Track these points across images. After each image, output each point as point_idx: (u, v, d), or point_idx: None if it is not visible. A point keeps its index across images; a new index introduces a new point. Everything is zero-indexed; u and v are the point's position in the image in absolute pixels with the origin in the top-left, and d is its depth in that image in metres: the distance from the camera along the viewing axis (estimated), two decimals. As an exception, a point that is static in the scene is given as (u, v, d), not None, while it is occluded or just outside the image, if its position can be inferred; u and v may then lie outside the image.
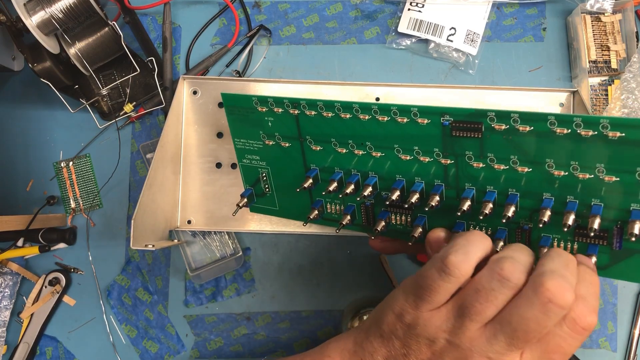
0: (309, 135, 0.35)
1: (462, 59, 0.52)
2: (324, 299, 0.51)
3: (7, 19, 0.44)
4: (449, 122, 0.29)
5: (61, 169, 0.52)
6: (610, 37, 0.51)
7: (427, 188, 0.32)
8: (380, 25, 0.53)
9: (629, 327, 0.50)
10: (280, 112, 0.34)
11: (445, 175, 0.32)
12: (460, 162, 0.31)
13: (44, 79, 0.46)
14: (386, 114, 0.31)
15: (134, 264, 0.52)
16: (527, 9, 0.53)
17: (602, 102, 0.51)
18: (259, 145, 0.37)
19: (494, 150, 0.29)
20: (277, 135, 0.36)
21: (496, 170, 0.29)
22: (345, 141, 0.34)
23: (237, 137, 0.38)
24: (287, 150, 0.36)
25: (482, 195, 0.30)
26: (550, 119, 0.26)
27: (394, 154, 0.32)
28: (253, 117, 0.36)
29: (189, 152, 0.48)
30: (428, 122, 0.30)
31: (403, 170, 0.33)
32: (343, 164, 0.35)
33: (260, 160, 0.38)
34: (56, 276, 0.51)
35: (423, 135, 0.31)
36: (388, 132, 0.32)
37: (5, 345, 0.51)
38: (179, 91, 0.46)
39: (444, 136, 0.30)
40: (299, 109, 0.34)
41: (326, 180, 0.36)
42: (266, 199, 0.40)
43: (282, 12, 0.54)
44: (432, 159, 0.31)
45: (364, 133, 0.33)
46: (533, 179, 0.29)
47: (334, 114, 0.33)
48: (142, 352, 0.51)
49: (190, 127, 0.48)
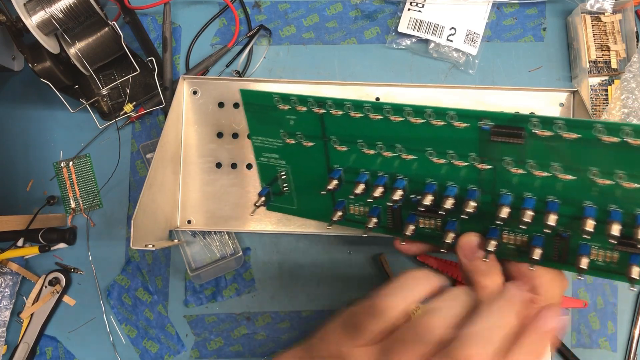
0: (334, 136, 0.33)
1: (462, 59, 0.52)
2: (324, 299, 0.51)
3: (7, 19, 0.44)
4: (489, 127, 0.28)
5: (61, 169, 0.52)
6: (610, 37, 0.51)
7: (461, 192, 0.31)
8: (380, 25, 0.53)
9: (629, 327, 0.50)
10: (303, 110, 0.33)
11: (480, 180, 0.30)
12: (497, 167, 0.29)
13: (44, 79, 0.46)
14: (420, 117, 0.30)
15: (134, 264, 0.52)
16: (527, 9, 0.53)
17: (602, 102, 0.51)
18: (278, 143, 0.36)
19: (534, 156, 0.28)
20: (299, 134, 0.35)
21: (536, 177, 0.28)
22: (374, 142, 0.32)
23: (255, 135, 0.37)
24: (309, 150, 0.35)
25: (519, 202, 0.29)
26: (598, 127, 0.25)
27: (426, 157, 0.31)
28: (273, 115, 0.35)
29: (189, 152, 0.48)
30: (466, 126, 0.29)
31: (435, 173, 0.32)
32: (369, 165, 0.34)
33: (280, 158, 0.37)
34: (56, 276, 0.51)
35: (459, 139, 0.30)
36: (421, 134, 0.31)
37: (5, 345, 0.51)
38: (179, 91, 0.46)
39: (481, 141, 0.29)
40: (324, 109, 0.32)
41: (350, 182, 0.35)
42: (284, 198, 0.39)
43: (282, 12, 0.54)
44: (467, 164, 0.30)
45: (394, 135, 0.31)
46: (574, 187, 0.28)
47: (362, 114, 0.31)
48: (142, 352, 0.51)
49: (190, 127, 0.48)
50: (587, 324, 0.50)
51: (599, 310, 0.50)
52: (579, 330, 0.50)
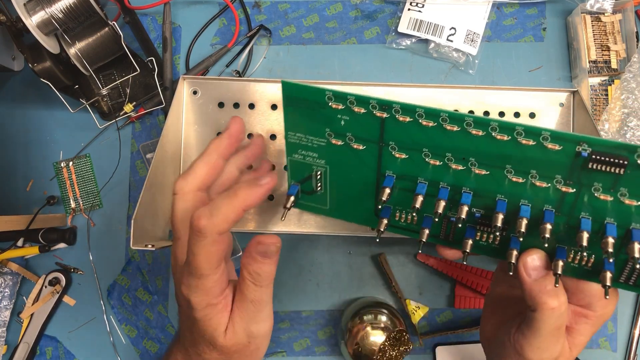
0: (394, 142, 0.31)
1: (462, 59, 0.52)
2: (324, 299, 0.51)
3: (7, 19, 0.44)
4: (587, 153, 0.26)
5: (61, 169, 0.52)
6: (610, 37, 0.51)
7: (534, 212, 0.30)
8: (380, 25, 0.53)
9: (629, 327, 0.50)
10: (362, 112, 0.30)
11: (559, 203, 0.29)
12: (583, 192, 0.28)
13: (44, 79, 0.46)
14: (507, 134, 0.28)
15: (134, 264, 0.52)
16: (527, 9, 0.53)
17: (602, 102, 0.51)
18: (320, 142, 0.33)
19: (630, 185, 0.27)
20: (350, 135, 0.32)
21: (625, 205, 0.27)
22: (442, 153, 0.30)
23: (292, 130, 0.34)
24: (358, 153, 0.33)
25: (598, 226, 0.28)
26: None
27: (503, 174, 0.29)
28: (321, 113, 0.32)
29: (189, 152, 0.48)
30: (559, 149, 0.27)
31: (507, 191, 0.30)
32: (429, 174, 0.31)
33: (319, 158, 0.34)
34: (56, 276, 0.51)
35: (548, 160, 0.28)
36: (503, 151, 0.28)
37: (5, 345, 0.51)
38: (179, 91, 0.46)
39: (573, 165, 0.27)
40: (388, 112, 0.30)
41: (403, 189, 0.32)
42: (316, 197, 0.36)
43: (282, 12, 0.54)
44: (549, 185, 0.29)
45: (470, 148, 0.29)
46: None
47: (436, 123, 0.29)
48: (142, 352, 0.51)
49: (190, 127, 0.48)
50: (587, 324, 0.50)
51: (599, 310, 0.50)
52: (579, 330, 0.50)
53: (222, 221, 0.29)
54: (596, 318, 0.31)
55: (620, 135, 0.49)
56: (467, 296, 0.49)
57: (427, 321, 0.51)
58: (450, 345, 0.50)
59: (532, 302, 0.29)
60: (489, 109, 0.48)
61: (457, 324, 0.51)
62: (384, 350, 0.45)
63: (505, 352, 0.32)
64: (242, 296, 0.32)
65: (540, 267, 0.30)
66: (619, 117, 0.49)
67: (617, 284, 0.30)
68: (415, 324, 0.50)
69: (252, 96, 0.47)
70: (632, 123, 0.48)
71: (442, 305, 0.51)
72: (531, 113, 0.47)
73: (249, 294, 0.32)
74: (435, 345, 0.50)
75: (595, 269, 0.30)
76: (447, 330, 0.50)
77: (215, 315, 0.31)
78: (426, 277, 0.51)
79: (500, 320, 0.35)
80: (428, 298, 0.51)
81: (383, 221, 0.33)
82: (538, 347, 0.30)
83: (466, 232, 0.32)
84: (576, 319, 0.31)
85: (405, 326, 0.47)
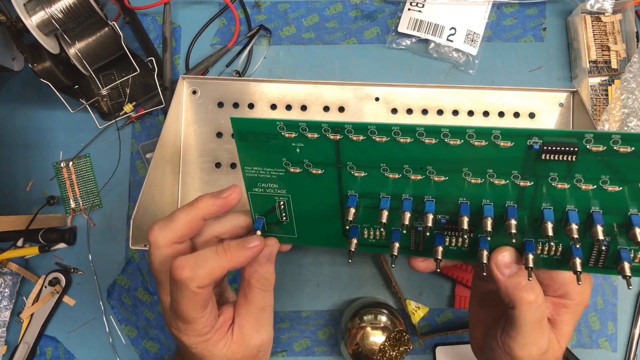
0: (351, 161, 0.31)
1: (462, 59, 0.52)
2: (324, 299, 0.51)
3: (7, 19, 0.44)
4: (539, 145, 0.27)
5: (61, 169, 0.52)
6: (611, 37, 0.51)
7: (497, 210, 0.30)
8: (380, 25, 0.53)
9: (629, 327, 0.50)
10: (315, 137, 0.31)
11: (519, 197, 0.30)
12: (541, 183, 0.29)
13: (44, 79, 0.46)
14: (459, 137, 0.28)
15: (134, 264, 0.52)
16: (527, 9, 0.53)
17: (602, 102, 0.51)
18: (279, 172, 0.33)
19: (583, 171, 0.28)
20: (307, 161, 0.32)
21: (582, 191, 0.28)
22: (400, 166, 0.31)
23: (249, 165, 0.33)
24: (317, 177, 0.33)
25: (559, 214, 0.29)
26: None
27: (461, 177, 0.30)
28: (275, 144, 0.32)
29: (189, 151, 0.48)
30: (511, 145, 0.28)
31: (468, 193, 0.30)
32: (390, 188, 0.32)
33: (279, 188, 0.34)
34: (56, 276, 0.51)
35: (502, 158, 0.28)
36: (458, 155, 0.29)
37: (5, 345, 0.51)
38: (179, 91, 0.46)
39: (526, 159, 0.28)
40: (342, 134, 0.30)
41: (368, 206, 0.33)
42: (282, 227, 0.36)
43: (282, 12, 0.54)
44: (507, 181, 0.29)
45: (426, 157, 0.30)
46: (621, 197, 0.28)
47: (389, 137, 0.29)
48: (142, 352, 0.51)
49: (190, 127, 0.48)
50: (587, 324, 0.50)
51: (599, 311, 0.50)
52: (579, 330, 0.50)
53: (207, 275, 0.29)
54: (575, 305, 0.31)
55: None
56: (467, 296, 0.49)
57: (427, 321, 0.51)
58: (450, 346, 0.50)
59: (510, 299, 0.29)
60: (489, 109, 0.47)
61: (457, 324, 0.51)
62: (384, 350, 0.45)
63: (496, 356, 0.32)
64: (251, 306, 0.32)
65: (512, 263, 0.30)
66: (619, 117, 0.49)
67: (588, 269, 0.31)
68: (415, 324, 0.50)
69: (251, 96, 0.47)
70: (632, 123, 0.48)
71: (442, 305, 0.51)
72: (531, 113, 0.47)
73: (259, 301, 0.32)
74: (435, 345, 0.50)
75: (564, 257, 0.31)
76: (447, 330, 0.50)
77: (212, 346, 0.31)
78: (426, 277, 0.51)
79: (486, 327, 0.35)
80: (428, 298, 0.51)
81: (353, 241, 0.33)
82: (524, 343, 0.30)
83: (435, 240, 0.32)
84: (557, 310, 0.31)
85: (405, 326, 0.47)
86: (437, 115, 0.48)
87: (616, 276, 0.50)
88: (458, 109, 0.48)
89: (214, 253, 0.30)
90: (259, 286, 0.32)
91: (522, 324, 0.29)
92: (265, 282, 0.32)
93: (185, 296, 0.29)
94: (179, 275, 0.28)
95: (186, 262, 0.29)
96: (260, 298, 0.32)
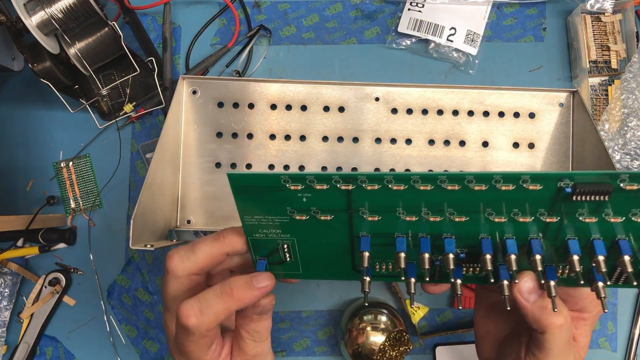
0: (365, 207, 0.29)
1: (462, 59, 0.52)
2: (324, 299, 0.51)
3: (7, 19, 0.44)
4: (571, 188, 0.26)
5: (61, 169, 0.52)
6: (611, 37, 0.51)
7: (519, 243, 0.29)
8: (380, 25, 0.53)
9: (629, 327, 0.50)
10: (324, 188, 0.29)
11: (544, 230, 0.29)
12: (568, 218, 0.28)
13: (44, 79, 0.46)
14: (484, 183, 0.27)
15: (134, 264, 0.52)
16: (527, 9, 0.53)
17: (602, 102, 0.51)
18: (283, 219, 0.31)
19: (614, 206, 0.27)
20: (315, 209, 0.30)
21: (609, 223, 0.28)
22: (418, 210, 0.29)
23: (248, 214, 0.31)
24: (326, 223, 0.31)
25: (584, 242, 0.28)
26: None
27: (484, 217, 0.28)
28: (278, 195, 0.30)
29: (189, 151, 0.48)
30: (540, 188, 0.27)
31: (489, 229, 0.29)
32: (405, 228, 0.30)
33: (283, 233, 0.32)
34: (56, 276, 0.51)
35: (529, 199, 0.27)
36: (482, 199, 0.28)
37: (5, 345, 0.51)
38: (179, 91, 0.46)
39: (555, 199, 0.27)
40: (354, 184, 0.28)
41: (380, 244, 0.31)
42: (285, 266, 0.34)
43: (282, 12, 0.54)
44: (533, 219, 0.28)
45: (446, 201, 0.28)
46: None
47: (407, 186, 0.28)
48: (142, 352, 0.51)
49: (190, 127, 0.48)
50: (587, 324, 0.50)
51: (599, 311, 0.50)
52: (579, 330, 0.50)
53: (213, 320, 0.28)
54: (592, 317, 0.31)
55: (621, 135, 0.49)
56: (467, 296, 0.49)
57: (427, 321, 0.51)
58: (450, 346, 0.50)
59: (538, 325, 0.29)
60: (489, 109, 0.47)
61: (457, 324, 0.51)
62: (384, 350, 0.45)
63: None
64: (243, 354, 0.32)
65: (535, 288, 0.29)
66: (619, 117, 0.49)
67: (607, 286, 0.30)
68: (415, 324, 0.50)
69: (251, 96, 0.47)
70: (632, 123, 0.48)
71: (442, 305, 0.51)
72: (531, 113, 0.47)
73: (250, 350, 0.31)
74: (435, 345, 0.50)
75: (584, 276, 0.30)
76: (447, 330, 0.50)
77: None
78: (426, 277, 0.51)
79: (496, 340, 0.34)
80: (428, 298, 0.51)
81: (366, 281, 0.31)
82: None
83: (454, 273, 0.31)
84: (576, 324, 0.31)
85: (405, 326, 0.47)
86: (437, 115, 0.48)
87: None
88: (458, 109, 0.48)
89: (219, 296, 0.29)
90: (250, 338, 0.31)
91: (552, 347, 0.29)
92: (257, 335, 0.31)
93: (191, 341, 0.29)
94: (185, 323, 0.28)
95: (192, 310, 0.28)
96: (252, 348, 0.31)
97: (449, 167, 0.48)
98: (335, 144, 0.48)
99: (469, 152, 0.48)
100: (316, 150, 0.48)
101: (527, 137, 0.48)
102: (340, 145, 0.48)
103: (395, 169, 0.48)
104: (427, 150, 0.48)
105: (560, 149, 0.48)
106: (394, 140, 0.48)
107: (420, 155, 0.48)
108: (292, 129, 0.48)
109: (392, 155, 0.48)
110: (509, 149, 0.48)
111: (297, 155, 0.48)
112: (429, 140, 0.48)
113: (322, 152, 0.48)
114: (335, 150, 0.48)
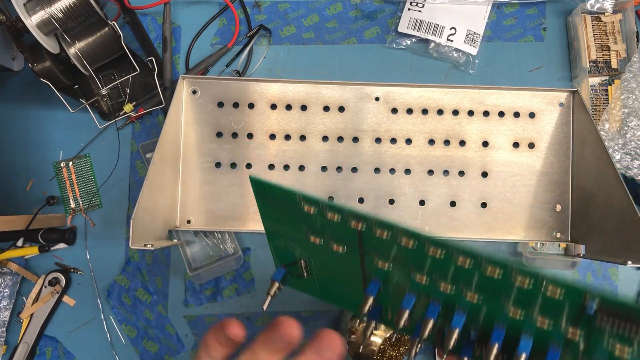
0: (375, 252, 0.28)
1: (462, 59, 0.52)
2: (323, 299, 0.51)
3: (7, 19, 0.44)
4: (595, 310, 0.23)
5: (61, 169, 0.52)
6: (611, 37, 0.51)
7: (537, 345, 0.27)
8: (380, 25, 0.53)
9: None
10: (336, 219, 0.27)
11: (565, 345, 0.26)
12: (593, 340, 0.25)
13: (44, 79, 0.46)
14: (506, 278, 0.24)
15: (134, 264, 0.52)
16: (527, 9, 0.53)
17: (602, 102, 0.50)
18: (300, 236, 0.30)
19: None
20: (328, 236, 0.29)
21: None
22: (430, 275, 0.27)
23: (270, 220, 0.30)
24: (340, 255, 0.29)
25: None
26: None
27: (499, 305, 0.26)
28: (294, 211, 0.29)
29: (189, 151, 0.48)
30: (561, 299, 0.24)
31: (505, 318, 0.26)
32: (417, 287, 0.28)
33: (301, 249, 0.31)
34: (56, 276, 0.51)
35: (550, 305, 0.24)
36: (500, 288, 0.25)
37: (5, 345, 0.51)
38: (179, 91, 0.46)
39: (578, 315, 0.24)
40: (365, 225, 0.26)
41: (393, 288, 0.29)
42: (303, 281, 0.33)
43: (282, 12, 0.54)
44: (552, 321, 0.25)
45: (462, 279, 0.26)
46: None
47: (417, 244, 0.25)
48: (142, 352, 0.51)
49: (190, 127, 0.48)
50: (588, 324, 0.50)
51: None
52: (580, 330, 0.50)
53: None
54: None
55: (621, 135, 0.49)
56: None
57: (427, 321, 0.51)
58: (450, 346, 0.50)
59: None
60: (489, 109, 0.48)
61: (457, 324, 0.51)
62: (384, 350, 0.45)
63: None
64: None
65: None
66: (619, 117, 0.49)
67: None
68: (415, 324, 0.50)
69: (251, 96, 0.48)
70: (632, 123, 0.48)
71: (442, 306, 0.51)
72: (531, 113, 0.47)
73: None
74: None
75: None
76: (447, 330, 0.49)
77: None
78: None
79: None
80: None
81: (371, 324, 0.30)
82: None
83: (462, 351, 0.29)
84: None
85: (405, 326, 0.47)
86: (437, 115, 0.48)
87: (616, 276, 0.50)
88: (458, 109, 0.48)
89: None
90: None
91: None
92: None
93: None
94: None
95: None
96: None
97: (449, 166, 0.48)
98: (335, 144, 0.48)
99: (469, 151, 0.48)
100: (316, 150, 0.48)
101: (527, 136, 0.48)
102: (340, 145, 0.48)
103: (396, 169, 0.48)
104: (427, 150, 0.48)
105: (560, 149, 0.48)
106: (394, 140, 0.48)
107: (420, 155, 0.48)
108: (292, 129, 0.48)
109: (392, 155, 0.48)
110: (509, 148, 0.48)
111: (297, 155, 0.48)
112: (429, 140, 0.48)
113: (322, 151, 0.48)
114: (335, 150, 0.48)
